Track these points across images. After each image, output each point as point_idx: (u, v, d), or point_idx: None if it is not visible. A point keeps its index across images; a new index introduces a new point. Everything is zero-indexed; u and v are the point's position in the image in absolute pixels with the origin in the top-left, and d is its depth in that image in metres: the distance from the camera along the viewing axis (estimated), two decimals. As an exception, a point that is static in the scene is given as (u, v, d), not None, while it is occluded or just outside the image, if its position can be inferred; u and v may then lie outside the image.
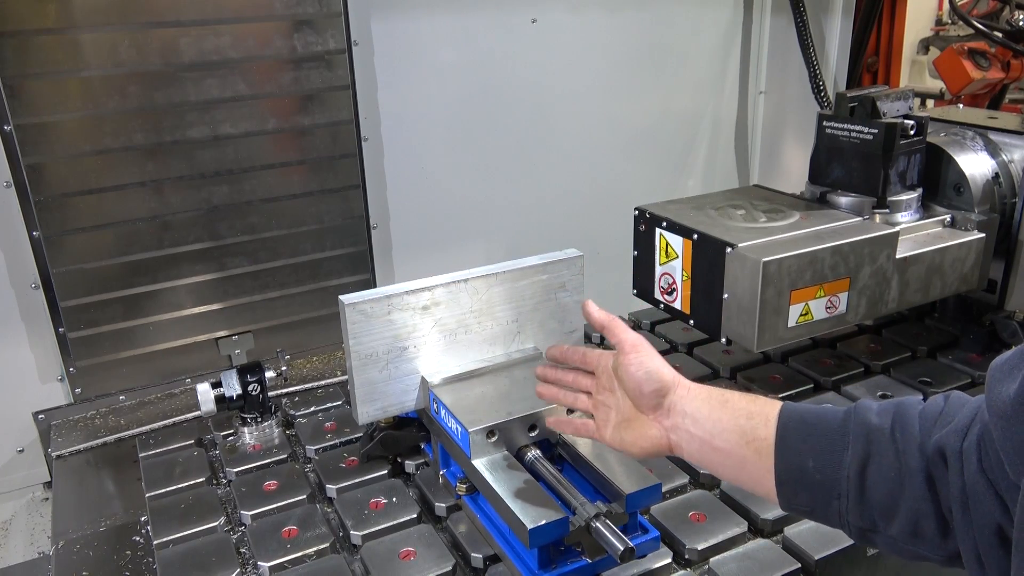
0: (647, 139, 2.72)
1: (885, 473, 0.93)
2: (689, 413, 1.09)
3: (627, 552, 1.13)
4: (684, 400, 1.11)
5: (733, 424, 1.06)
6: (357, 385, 1.42)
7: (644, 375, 1.12)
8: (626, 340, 1.16)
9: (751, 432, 1.04)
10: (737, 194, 1.92)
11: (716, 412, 1.08)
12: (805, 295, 1.57)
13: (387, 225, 2.34)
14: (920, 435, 0.92)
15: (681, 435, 1.10)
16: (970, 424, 0.88)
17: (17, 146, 1.77)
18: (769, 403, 1.06)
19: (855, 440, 0.96)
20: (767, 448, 1.02)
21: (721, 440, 1.06)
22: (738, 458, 1.05)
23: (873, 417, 0.97)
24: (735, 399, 1.09)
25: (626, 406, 1.15)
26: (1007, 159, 1.84)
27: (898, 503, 0.92)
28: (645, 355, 1.14)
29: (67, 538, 1.48)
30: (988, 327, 1.93)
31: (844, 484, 0.95)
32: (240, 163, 2.01)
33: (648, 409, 1.13)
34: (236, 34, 1.92)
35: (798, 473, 0.99)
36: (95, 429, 1.85)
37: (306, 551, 1.37)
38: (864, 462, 0.94)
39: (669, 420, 1.11)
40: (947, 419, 0.92)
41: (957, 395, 0.96)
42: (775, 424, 1.02)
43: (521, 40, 2.40)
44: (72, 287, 1.91)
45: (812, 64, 2.68)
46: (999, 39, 2.80)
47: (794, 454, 1.00)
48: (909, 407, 0.97)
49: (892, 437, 0.94)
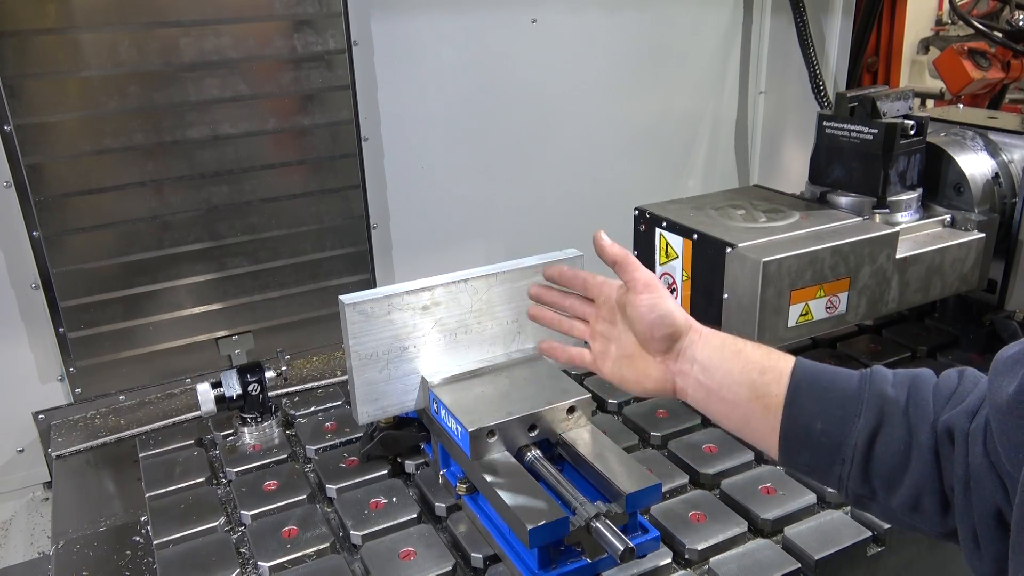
0: (647, 139, 2.72)
1: (894, 446, 0.92)
2: (700, 360, 1.07)
3: (627, 552, 1.13)
4: (696, 345, 1.08)
5: (744, 377, 1.03)
6: (357, 385, 1.42)
7: (657, 317, 1.08)
8: (639, 279, 1.11)
9: (763, 388, 1.01)
10: (737, 194, 1.92)
11: (728, 362, 1.05)
12: (805, 295, 1.57)
13: (387, 225, 2.34)
14: (933, 411, 0.92)
15: (688, 381, 1.08)
16: (979, 406, 0.88)
17: (17, 146, 1.77)
18: (784, 358, 1.03)
19: (868, 409, 0.95)
20: (776, 405, 1.00)
21: (730, 392, 1.04)
22: (745, 411, 1.03)
23: (888, 388, 0.96)
24: (749, 350, 1.06)
25: (628, 341, 1.12)
26: (1007, 159, 1.84)
27: (903, 476, 0.91)
28: (658, 296, 1.10)
29: (67, 538, 1.49)
30: (988, 327, 1.93)
31: (850, 450, 0.94)
32: (240, 163, 2.01)
33: (656, 351, 1.10)
34: (236, 34, 1.92)
35: (804, 433, 0.98)
36: (95, 429, 1.85)
37: (306, 551, 1.37)
38: (874, 432, 0.93)
39: (677, 365, 1.08)
40: (960, 397, 0.91)
41: (971, 372, 0.95)
42: (787, 382, 1.00)
43: (521, 40, 2.40)
44: (72, 287, 1.91)
45: (812, 64, 2.67)
46: (999, 39, 2.80)
47: (803, 414, 0.98)
48: (924, 381, 0.96)
49: (905, 411, 0.93)
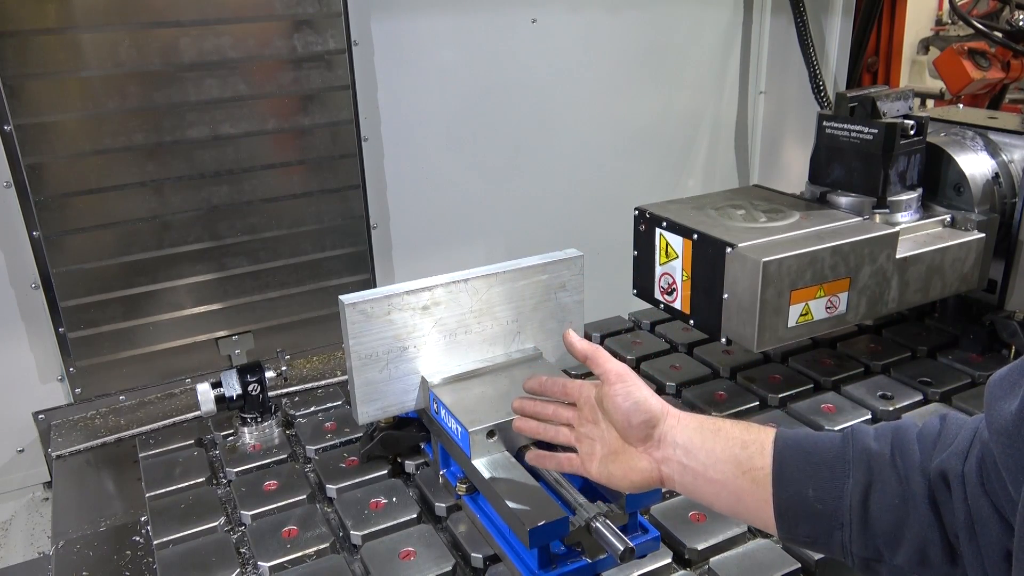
0: (647, 139, 2.72)
1: (889, 500, 0.91)
2: (681, 443, 1.06)
3: (627, 552, 1.13)
4: (675, 430, 1.07)
5: (728, 454, 1.02)
6: (357, 385, 1.42)
7: (632, 405, 1.08)
8: (611, 370, 1.11)
9: (747, 462, 1.00)
10: (737, 194, 1.92)
11: (709, 442, 1.04)
12: (805, 295, 1.57)
13: (387, 225, 2.34)
14: (920, 458, 0.91)
15: (673, 467, 1.07)
16: (970, 446, 0.87)
17: (17, 146, 1.77)
18: (763, 431, 1.03)
19: (855, 467, 0.94)
20: (764, 478, 0.99)
21: (716, 471, 1.03)
22: (734, 489, 1.01)
23: (871, 442, 0.95)
24: (728, 427, 1.05)
25: (611, 438, 1.11)
26: (1007, 159, 1.84)
27: (903, 531, 0.89)
28: (632, 384, 1.10)
29: (67, 538, 1.49)
30: (988, 327, 1.93)
31: (846, 513, 0.93)
32: (240, 163, 2.01)
33: (637, 441, 1.09)
34: (236, 34, 1.92)
35: (798, 503, 0.96)
36: (95, 429, 1.85)
37: (306, 551, 1.37)
38: (866, 490, 0.92)
39: (660, 452, 1.07)
40: (946, 441, 0.90)
41: (954, 415, 0.94)
42: (771, 452, 0.99)
43: (521, 40, 2.40)
44: (72, 287, 1.91)
45: (812, 64, 2.68)
46: (999, 39, 2.80)
47: (793, 483, 0.97)
48: (906, 430, 0.95)
49: (893, 462, 0.92)
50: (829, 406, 1.74)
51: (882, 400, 1.76)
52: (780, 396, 1.80)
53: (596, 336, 2.14)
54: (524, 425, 1.24)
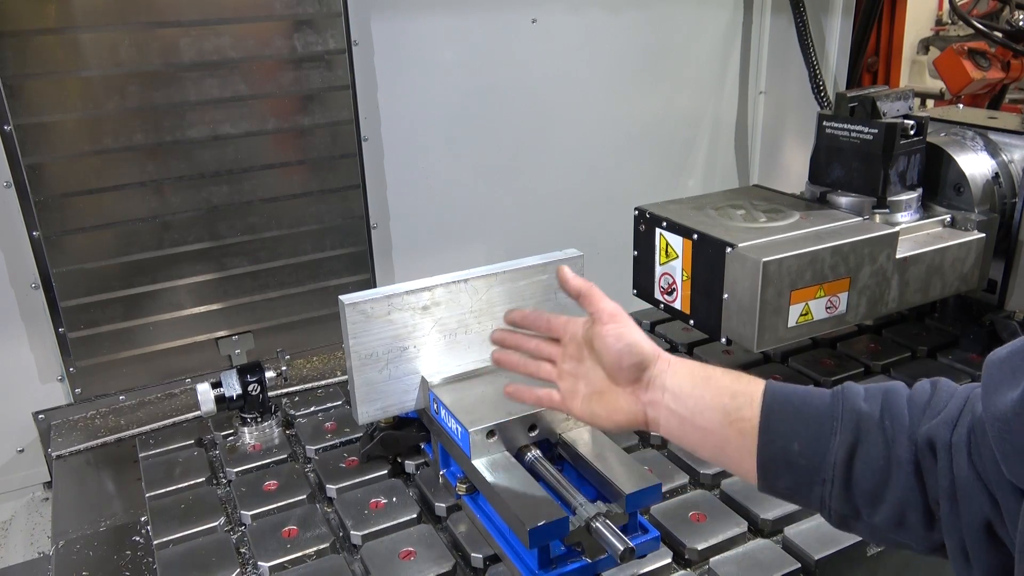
0: (647, 139, 2.72)
1: (873, 462, 0.91)
2: (670, 388, 1.05)
3: (627, 552, 1.13)
4: (665, 374, 1.06)
5: (716, 402, 1.01)
6: (357, 385, 1.42)
7: (624, 347, 1.06)
8: (604, 310, 1.09)
9: (735, 412, 1.00)
10: (737, 194, 1.92)
11: (699, 389, 1.04)
12: (805, 295, 1.57)
13: (387, 225, 2.34)
14: (909, 423, 0.91)
15: (660, 411, 1.06)
16: (959, 415, 0.87)
17: (17, 146, 1.77)
18: (753, 381, 1.02)
19: (843, 425, 0.94)
20: (751, 429, 0.98)
21: (703, 418, 1.02)
22: (720, 437, 1.01)
23: (861, 402, 0.95)
24: (718, 376, 1.05)
25: (597, 377, 1.10)
26: (1007, 159, 1.84)
27: (884, 492, 0.90)
28: (624, 326, 1.08)
29: (67, 538, 1.48)
30: (988, 327, 1.93)
31: (829, 470, 0.93)
32: (240, 163, 2.01)
33: (625, 382, 1.08)
34: (236, 34, 1.92)
35: (782, 456, 0.96)
36: (95, 429, 1.85)
37: (306, 551, 1.37)
38: (852, 449, 0.92)
39: (648, 394, 1.07)
40: (936, 408, 0.90)
41: (945, 382, 0.94)
42: (759, 404, 0.99)
43: (521, 40, 2.40)
44: (72, 287, 1.91)
45: (812, 64, 2.67)
46: (999, 39, 2.80)
47: (779, 436, 0.97)
48: (897, 393, 0.95)
49: (881, 424, 0.92)
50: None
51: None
52: (780, 396, 1.80)
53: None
54: (503, 357, 1.22)
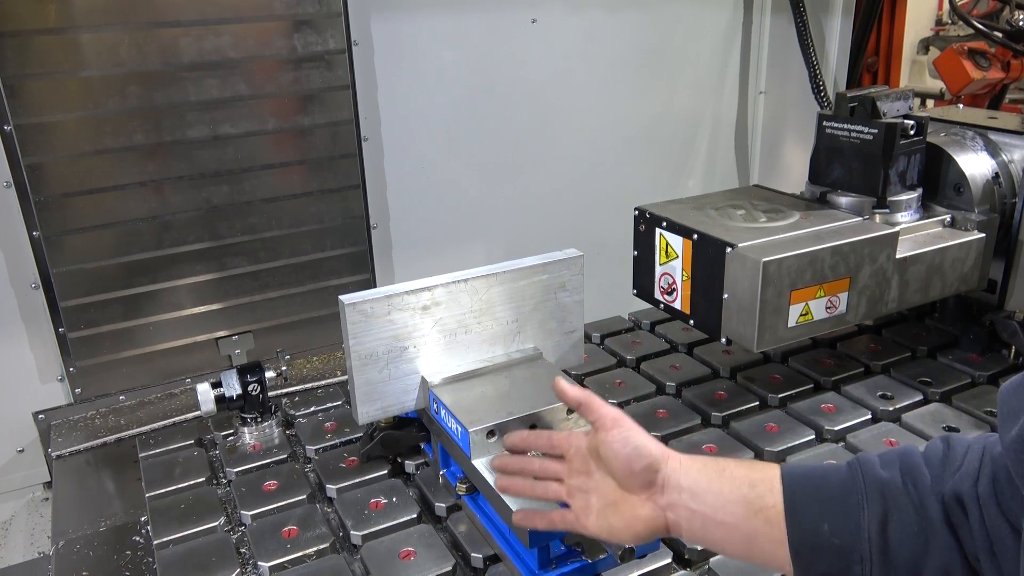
0: (647, 139, 2.72)
1: (907, 529, 0.88)
2: (686, 487, 1.00)
3: (627, 552, 1.13)
4: (678, 473, 1.02)
5: (737, 495, 0.97)
6: (357, 385, 1.42)
7: (632, 451, 1.02)
8: (606, 416, 1.06)
9: (757, 501, 0.96)
10: (737, 194, 1.92)
11: (716, 483, 1.00)
12: (805, 295, 1.57)
13: (387, 225, 2.34)
14: (932, 482, 0.89)
15: (680, 512, 1.01)
16: (980, 466, 0.86)
17: (17, 146, 1.77)
18: (768, 467, 1.00)
19: (869, 498, 0.91)
20: (777, 516, 0.94)
21: (725, 513, 0.98)
22: (746, 531, 0.97)
23: (880, 471, 0.93)
24: (732, 467, 1.01)
25: (608, 488, 1.05)
26: (1007, 159, 1.84)
27: (924, 558, 0.87)
28: (629, 430, 1.05)
29: (67, 538, 1.49)
30: (988, 327, 1.93)
31: (866, 545, 0.90)
32: (240, 163, 2.01)
33: (638, 488, 1.03)
34: (236, 34, 1.92)
35: (814, 539, 0.92)
36: (95, 429, 1.85)
37: (306, 551, 1.37)
38: (883, 520, 0.90)
39: (664, 498, 1.01)
40: (954, 463, 0.89)
41: (956, 437, 0.93)
42: (780, 489, 0.95)
43: (521, 40, 2.40)
44: (72, 287, 1.91)
45: (812, 64, 2.67)
46: (999, 39, 2.80)
47: (807, 519, 0.93)
48: (912, 454, 0.94)
49: (906, 489, 0.90)
50: (829, 406, 1.74)
51: (882, 400, 1.76)
52: (780, 396, 1.80)
53: (596, 336, 2.14)
54: (508, 484, 1.17)
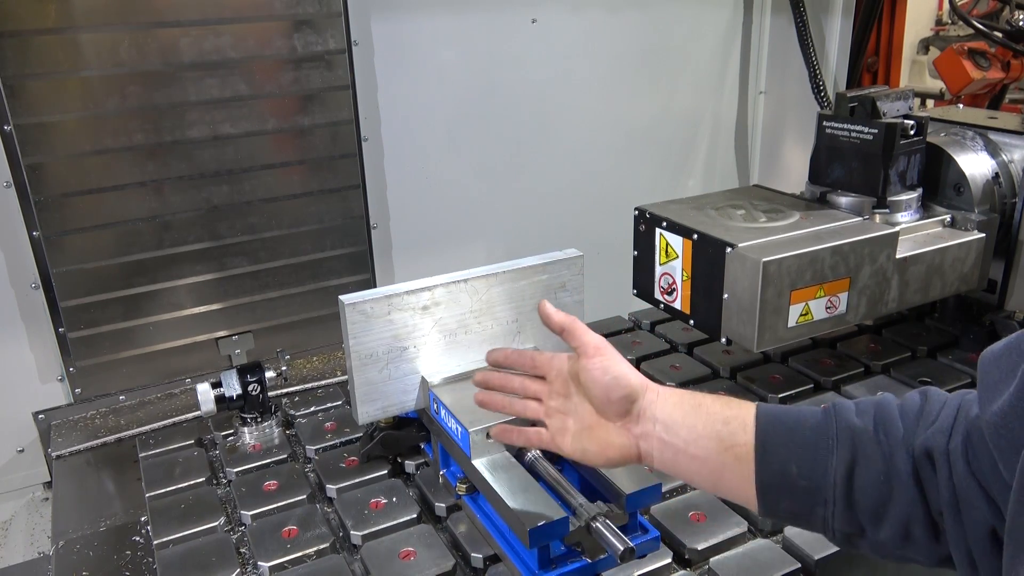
0: (647, 139, 2.72)
1: (873, 477, 0.90)
2: (661, 419, 1.03)
3: (627, 552, 1.13)
4: (655, 405, 1.04)
5: (709, 430, 1.00)
6: (357, 385, 1.42)
7: (611, 380, 1.05)
8: (588, 343, 1.08)
9: (729, 438, 0.98)
10: (737, 194, 1.92)
11: (690, 417, 1.02)
12: (805, 295, 1.57)
13: (387, 225, 2.34)
14: (904, 434, 0.90)
15: (652, 443, 1.04)
16: (953, 423, 0.86)
17: (17, 146, 1.77)
18: (744, 405, 1.02)
19: (839, 444, 0.93)
20: (746, 454, 0.97)
21: (697, 447, 1.00)
22: (716, 465, 0.99)
23: (855, 418, 0.94)
24: (708, 403, 1.03)
25: (585, 412, 1.08)
26: (1007, 159, 1.84)
27: (887, 507, 0.89)
28: (610, 359, 1.07)
29: (67, 538, 1.48)
30: (988, 327, 1.93)
31: (831, 490, 0.92)
32: (240, 163, 2.01)
33: (615, 416, 1.06)
34: (236, 34, 1.92)
35: (780, 479, 0.95)
36: (95, 429, 1.85)
37: (306, 551, 1.37)
38: (851, 467, 0.91)
39: (639, 427, 1.05)
40: (929, 417, 0.90)
41: (935, 391, 0.94)
42: (753, 428, 0.98)
43: (521, 40, 2.40)
44: (72, 287, 1.91)
45: (812, 64, 2.67)
46: (999, 39, 2.80)
47: (776, 459, 0.96)
48: (888, 405, 0.95)
49: (876, 439, 0.91)
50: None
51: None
52: (780, 396, 1.80)
53: (596, 336, 2.14)
54: (488, 399, 1.20)
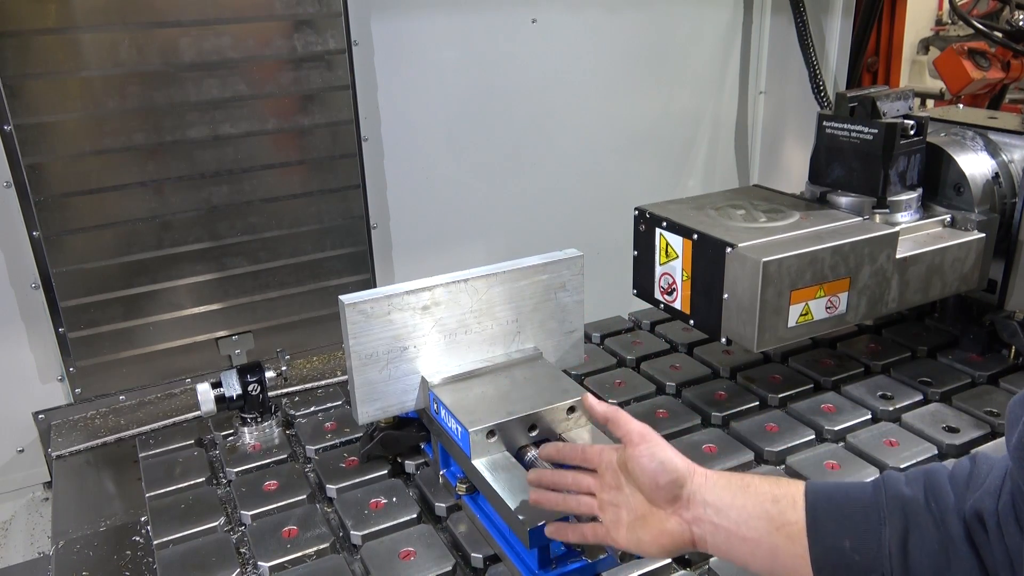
0: (647, 139, 2.72)
1: (928, 546, 0.89)
2: (711, 502, 1.03)
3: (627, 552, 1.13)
4: (704, 489, 1.04)
5: (759, 510, 1.00)
6: (357, 385, 1.42)
7: (658, 466, 1.05)
8: (634, 431, 1.09)
9: (779, 517, 0.98)
10: (737, 194, 1.92)
11: (740, 499, 1.02)
12: (805, 295, 1.57)
13: (387, 225, 2.34)
14: (955, 500, 0.90)
15: (705, 527, 1.03)
16: (1002, 484, 0.86)
17: (17, 146, 1.77)
18: (792, 484, 1.02)
19: (891, 515, 0.92)
20: (799, 533, 0.96)
21: (748, 528, 1.00)
22: (768, 546, 0.99)
23: (904, 488, 0.94)
24: (756, 483, 1.03)
25: (637, 502, 1.08)
26: (1007, 159, 1.84)
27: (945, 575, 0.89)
28: (656, 445, 1.08)
29: (67, 538, 1.49)
30: (988, 327, 1.93)
31: (886, 562, 0.91)
32: (240, 163, 2.01)
33: (664, 503, 1.06)
34: (236, 34, 1.92)
35: (835, 555, 0.94)
36: (95, 429, 1.85)
37: (306, 551, 1.37)
38: (904, 537, 0.91)
39: (690, 512, 1.04)
40: (978, 481, 0.90)
41: (983, 455, 0.94)
42: (803, 506, 0.98)
43: (521, 40, 2.40)
44: (72, 287, 1.91)
45: (812, 64, 2.68)
46: (999, 39, 2.80)
47: (829, 536, 0.95)
48: (938, 472, 0.94)
49: (928, 507, 0.91)
50: (829, 406, 1.74)
51: (882, 400, 1.76)
52: (780, 396, 1.80)
53: (596, 336, 2.14)
54: (543, 498, 1.18)
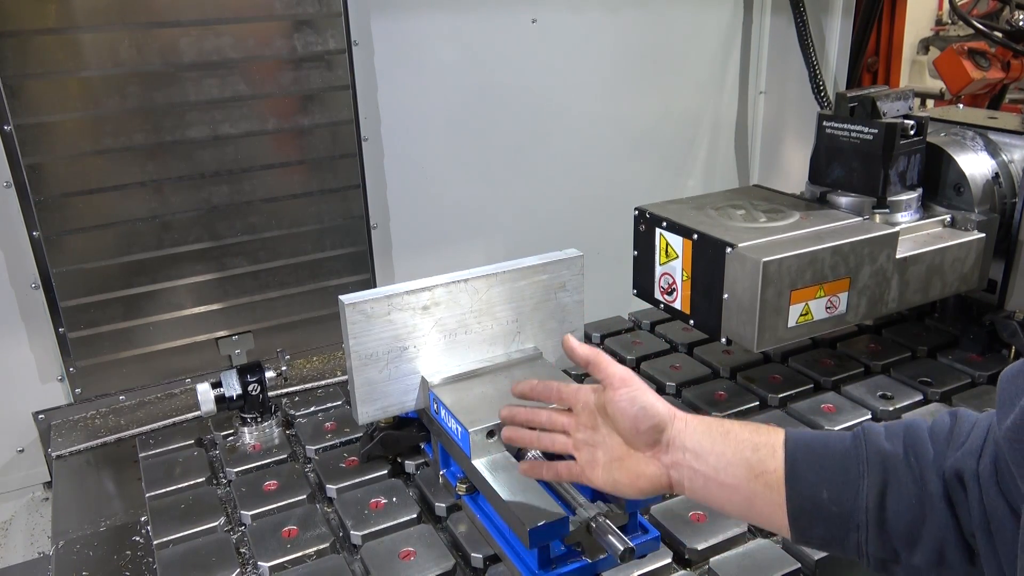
0: (647, 139, 2.72)
1: (905, 501, 0.90)
2: (690, 448, 1.03)
3: (627, 552, 1.13)
4: (683, 434, 1.05)
5: (738, 457, 1.00)
6: (357, 385, 1.42)
7: (639, 410, 1.05)
8: (614, 374, 1.08)
9: (759, 465, 0.99)
10: (737, 194, 1.92)
11: (719, 445, 1.02)
12: (805, 295, 1.57)
13: (387, 225, 2.34)
14: (935, 457, 0.90)
15: (683, 471, 1.04)
16: (983, 444, 0.86)
17: (17, 146, 1.77)
18: (773, 432, 1.02)
19: (870, 468, 0.93)
20: (777, 481, 0.97)
21: (727, 475, 1.01)
22: (746, 493, 1.00)
23: (884, 442, 0.94)
24: (737, 430, 1.03)
25: (614, 443, 1.09)
26: (1007, 159, 1.84)
27: (921, 531, 0.89)
28: (637, 389, 1.07)
29: (67, 538, 1.49)
30: (988, 327, 1.93)
31: (862, 514, 0.92)
32: (240, 163, 2.01)
33: (644, 446, 1.06)
34: (236, 34, 1.92)
35: (812, 505, 0.95)
36: (95, 429, 1.85)
37: (306, 551, 1.37)
38: (882, 490, 0.91)
39: (668, 456, 1.05)
40: (959, 439, 0.89)
41: (965, 412, 0.94)
42: (783, 455, 0.98)
43: (521, 40, 2.40)
44: (72, 287, 1.91)
45: (812, 64, 2.67)
46: (999, 39, 2.79)
47: (807, 485, 0.96)
48: (918, 428, 0.94)
49: (907, 462, 0.91)
50: (829, 406, 1.74)
51: (882, 400, 1.76)
52: (780, 396, 1.80)
53: (596, 336, 2.14)
54: (515, 435, 1.19)
